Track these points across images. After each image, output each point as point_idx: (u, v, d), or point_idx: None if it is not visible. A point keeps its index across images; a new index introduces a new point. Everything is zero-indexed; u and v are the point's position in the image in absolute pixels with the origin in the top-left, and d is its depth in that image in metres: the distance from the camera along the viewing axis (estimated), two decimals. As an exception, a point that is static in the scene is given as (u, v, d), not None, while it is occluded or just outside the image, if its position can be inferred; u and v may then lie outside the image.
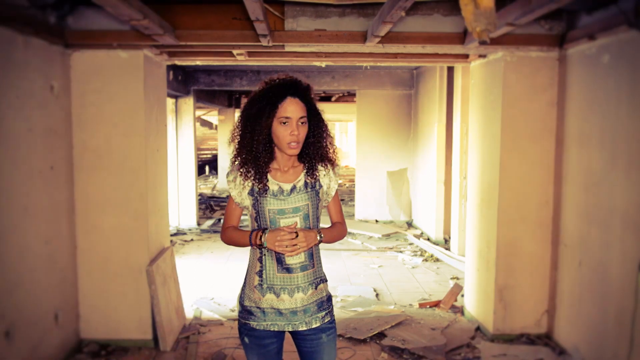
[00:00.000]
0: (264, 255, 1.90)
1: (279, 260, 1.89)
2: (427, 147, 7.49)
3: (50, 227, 3.19)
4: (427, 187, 7.39)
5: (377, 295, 4.84)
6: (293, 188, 1.91)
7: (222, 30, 3.35)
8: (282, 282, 1.89)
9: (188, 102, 8.14)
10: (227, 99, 11.77)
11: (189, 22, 3.35)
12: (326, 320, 1.94)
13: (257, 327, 1.91)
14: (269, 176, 1.92)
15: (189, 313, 4.31)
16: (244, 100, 13.68)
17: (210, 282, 5.26)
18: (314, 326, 1.91)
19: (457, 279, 5.27)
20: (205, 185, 14.43)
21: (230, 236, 1.97)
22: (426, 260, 6.12)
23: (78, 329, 3.56)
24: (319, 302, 1.93)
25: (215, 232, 7.86)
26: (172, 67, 7.07)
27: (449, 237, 6.88)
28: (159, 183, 3.88)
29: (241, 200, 1.94)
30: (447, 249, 6.52)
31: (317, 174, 1.94)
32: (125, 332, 3.60)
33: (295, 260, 1.88)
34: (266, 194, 1.89)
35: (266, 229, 1.88)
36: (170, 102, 7.95)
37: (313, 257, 1.92)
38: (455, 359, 3.49)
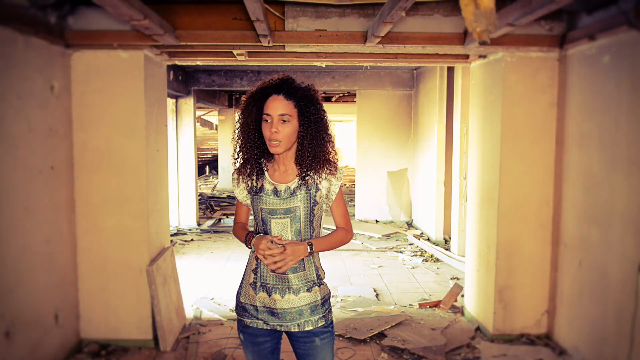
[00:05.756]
0: None
1: None
2: (427, 147, 7.49)
3: (50, 227, 3.19)
4: (427, 187, 7.39)
5: (377, 295, 4.84)
6: (287, 189, 1.89)
7: (223, 30, 3.36)
8: (274, 282, 1.88)
9: (188, 102, 8.14)
10: (227, 99, 11.77)
11: (189, 23, 3.35)
12: (320, 325, 1.90)
13: (250, 325, 1.92)
14: (266, 175, 1.93)
15: (189, 313, 4.32)
16: (244, 101, 13.71)
17: (210, 282, 5.26)
18: (306, 329, 1.88)
19: (457, 279, 5.27)
20: (206, 185, 14.44)
21: (235, 233, 2.04)
22: (426, 260, 6.12)
23: (78, 329, 3.56)
24: (313, 306, 1.89)
25: (215, 232, 7.86)
26: (173, 67, 7.08)
27: (449, 238, 6.88)
28: (159, 183, 3.89)
29: (242, 199, 1.98)
30: (447, 249, 6.52)
31: (313, 177, 1.89)
32: (125, 332, 3.60)
33: None
34: (262, 193, 1.90)
35: (258, 232, 1.91)
36: (170, 102, 7.95)
37: (303, 261, 1.89)
38: (455, 359, 3.49)
